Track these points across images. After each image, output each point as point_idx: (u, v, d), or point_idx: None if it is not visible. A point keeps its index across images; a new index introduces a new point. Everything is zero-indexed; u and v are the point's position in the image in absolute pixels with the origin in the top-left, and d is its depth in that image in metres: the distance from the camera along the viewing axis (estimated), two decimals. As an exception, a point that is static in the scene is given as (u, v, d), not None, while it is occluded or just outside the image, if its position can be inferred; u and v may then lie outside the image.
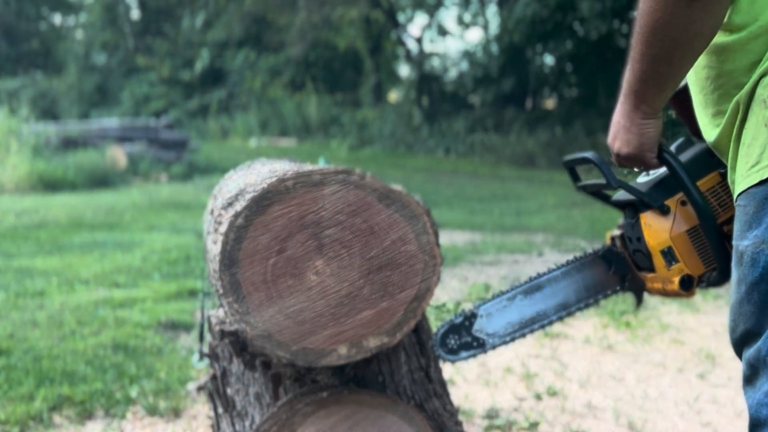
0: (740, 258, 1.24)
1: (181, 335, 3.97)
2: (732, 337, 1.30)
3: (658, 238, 1.49)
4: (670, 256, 1.49)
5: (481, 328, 1.61)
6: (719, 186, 1.49)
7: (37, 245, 6.65)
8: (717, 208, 1.48)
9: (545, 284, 1.65)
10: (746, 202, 1.24)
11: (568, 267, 1.67)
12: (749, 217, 1.23)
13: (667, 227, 1.48)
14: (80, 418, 2.91)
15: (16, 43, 30.06)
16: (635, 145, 1.40)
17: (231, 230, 1.61)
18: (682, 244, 1.48)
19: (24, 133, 12.35)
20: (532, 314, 1.64)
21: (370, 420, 1.80)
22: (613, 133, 1.43)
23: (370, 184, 1.68)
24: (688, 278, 1.50)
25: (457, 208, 9.14)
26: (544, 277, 1.66)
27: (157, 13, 28.59)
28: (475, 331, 1.61)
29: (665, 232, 1.48)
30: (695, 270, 1.50)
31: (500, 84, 18.17)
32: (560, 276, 1.66)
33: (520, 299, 1.64)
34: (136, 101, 25.90)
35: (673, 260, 1.49)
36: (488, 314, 1.61)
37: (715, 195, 1.48)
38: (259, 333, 1.63)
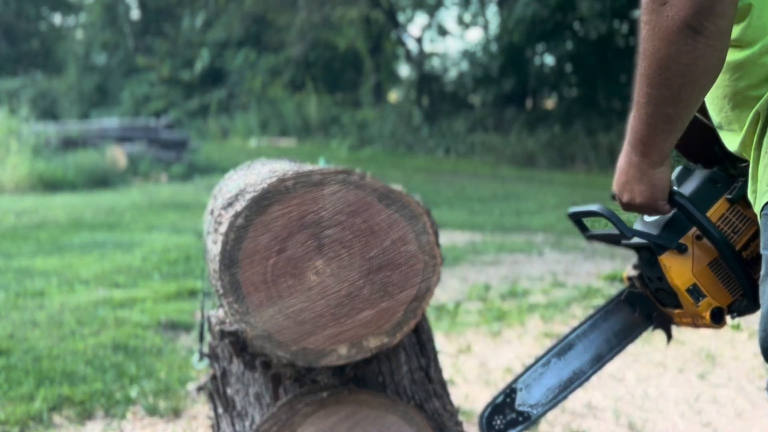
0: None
1: (181, 335, 3.97)
2: (763, 346, 1.29)
3: (681, 278, 1.48)
4: (697, 292, 1.49)
5: (523, 402, 1.62)
6: (729, 212, 1.48)
7: (37, 245, 6.65)
8: (731, 235, 1.47)
9: (575, 341, 1.67)
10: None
11: (594, 318, 1.68)
12: None
13: (689, 265, 1.48)
14: (80, 418, 2.91)
15: (16, 43, 30.05)
16: (648, 195, 1.37)
17: (231, 230, 1.60)
18: (706, 279, 1.48)
19: (24, 133, 12.34)
20: (569, 375, 1.66)
21: (370, 420, 1.80)
22: (621, 183, 1.40)
23: (370, 184, 1.68)
24: (719, 310, 1.50)
25: (457, 208, 9.14)
26: (573, 334, 1.67)
27: (157, 13, 28.57)
28: (518, 406, 1.62)
29: (688, 271, 1.48)
30: (723, 301, 1.50)
31: (500, 84, 18.16)
32: (588, 329, 1.67)
33: (555, 362, 1.65)
34: (136, 101, 25.89)
35: (700, 296, 1.49)
36: (527, 386, 1.63)
37: (727, 222, 1.48)
38: (259, 333, 1.62)
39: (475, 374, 3.35)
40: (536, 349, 3.67)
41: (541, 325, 4.05)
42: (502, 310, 4.33)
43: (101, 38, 28.45)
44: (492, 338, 3.86)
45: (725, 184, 1.49)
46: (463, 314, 4.31)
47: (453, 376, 3.27)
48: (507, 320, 4.14)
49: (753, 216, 1.43)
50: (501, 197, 10.17)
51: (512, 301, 4.59)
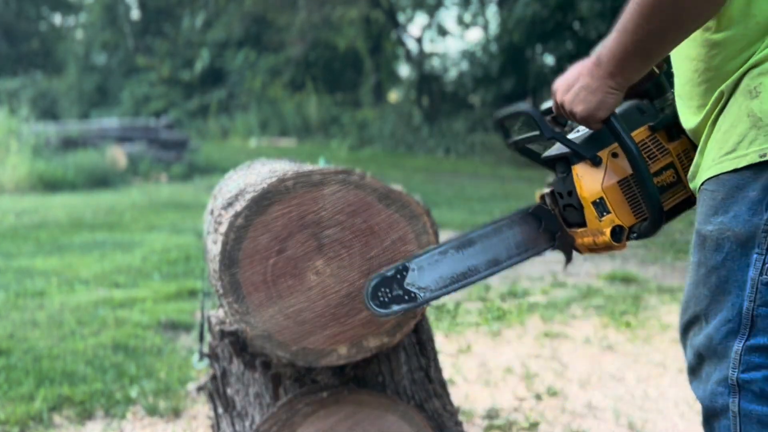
0: (702, 242, 1.27)
1: (181, 335, 3.97)
2: (681, 319, 1.33)
3: (590, 189, 1.51)
4: (602, 206, 1.51)
5: (413, 282, 1.60)
6: (649, 139, 1.53)
7: (37, 245, 6.65)
8: (648, 161, 1.51)
9: (477, 240, 1.66)
10: (715, 187, 1.26)
11: (500, 224, 1.68)
12: (717, 203, 1.25)
13: (599, 179, 1.50)
14: (80, 418, 2.91)
15: (16, 43, 30.06)
16: (593, 108, 1.40)
17: (231, 230, 1.61)
18: (613, 195, 1.50)
19: (24, 133, 12.35)
20: (463, 269, 1.64)
21: (370, 420, 1.80)
22: (573, 87, 1.42)
23: (370, 184, 1.68)
24: (620, 229, 1.51)
25: (457, 208, 9.14)
26: (476, 233, 1.67)
27: (157, 13, 28.58)
28: (406, 285, 1.60)
29: (597, 184, 1.50)
30: (626, 220, 1.52)
31: (500, 84, 18.16)
32: (491, 232, 1.67)
33: (452, 254, 1.64)
34: (136, 101, 25.89)
35: (605, 211, 1.51)
36: (420, 268, 1.61)
37: (645, 148, 1.52)
38: (259, 333, 1.62)
39: (475, 374, 3.35)
40: (536, 348, 3.67)
41: (541, 325, 4.05)
42: (502, 310, 4.33)
43: (101, 38, 28.46)
44: (492, 338, 3.86)
45: (651, 115, 1.54)
46: (463, 314, 4.31)
47: (453, 376, 3.27)
48: (507, 320, 4.14)
49: (672, 148, 1.50)
50: (501, 197, 10.17)
51: (512, 301, 4.59)
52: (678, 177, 1.53)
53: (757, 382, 1.21)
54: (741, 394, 1.23)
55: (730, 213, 1.22)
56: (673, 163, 1.52)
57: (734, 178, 1.22)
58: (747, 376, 1.22)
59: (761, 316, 1.21)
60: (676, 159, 1.53)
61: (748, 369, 1.22)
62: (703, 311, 1.27)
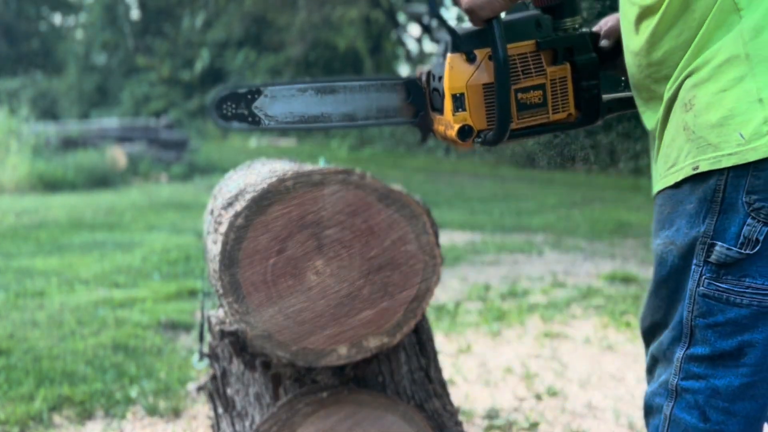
0: (654, 255, 1.30)
1: (181, 335, 3.97)
2: (642, 326, 1.35)
3: (455, 82, 1.50)
4: (460, 102, 1.51)
5: (262, 107, 1.58)
6: (531, 55, 1.52)
7: (37, 245, 6.65)
8: (520, 74, 1.51)
9: (340, 90, 1.63)
10: (662, 201, 1.28)
11: (368, 83, 1.66)
12: (663, 217, 1.27)
13: (467, 75, 1.50)
14: (80, 418, 2.91)
15: (16, 43, 30.06)
16: (477, 5, 1.42)
17: (231, 230, 1.61)
18: (474, 95, 1.50)
19: (24, 133, 12.34)
20: (316, 113, 1.62)
21: (370, 420, 1.80)
22: None
23: (370, 184, 1.68)
24: (468, 129, 1.51)
25: (457, 208, 9.13)
26: (341, 83, 1.64)
27: (157, 13, 28.58)
28: (254, 108, 1.59)
29: (463, 79, 1.50)
30: (477, 124, 1.51)
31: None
32: (358, 89, 1.65)
33: (311, 95, 1.62)
34: (136, 101, 25.88)
35: (461, 107, 1.51)
36: (273, 96, 1.59)
37: (523, 61, 1.51)
38: (259, 333, 1.63)
39: (475, 374, 3.35)
40: (536, 348, 3.67)
41: (541, 325, 4.05)
42: (502, 310, 4.33)
43: (101, 38, 28.45)
44: (492, 338, 3.86)
45: (545, 32, 1.53)
46: (463, 314, 4.31)
47: (453, 376, 3.27)
48: (507, 320, 4.14)
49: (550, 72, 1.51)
50: (501, 197, 10.17)
51: (512, 301, 4.59)
52: (544, 100, 1.52)
53: (694, 392, 1.24)
54: (677, 400, 1.26)
55: (674, 227, 1.24)
56: (544, 85, 1.52)
57: (677, 193, 1.24)
58: (685, 384, 1.25)
59: (699, 326, 1.23)
60: (549, 83, 1.52)
61: (687, 377, 1.25)
62: (662, 320, 1.30)
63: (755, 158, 1.14)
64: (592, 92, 1.56)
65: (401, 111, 1.67)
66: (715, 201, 1.19)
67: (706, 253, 1.20)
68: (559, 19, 1.55)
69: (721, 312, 1.21)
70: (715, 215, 1.19)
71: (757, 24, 1.17)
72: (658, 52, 1.27)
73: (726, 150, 1.16)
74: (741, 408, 1.23)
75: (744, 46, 1.17)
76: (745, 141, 1.15)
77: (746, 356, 1.21)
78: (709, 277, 1.21)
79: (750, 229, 1.17)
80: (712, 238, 1.20)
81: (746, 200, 1.17)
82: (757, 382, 1.22)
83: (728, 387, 1.22)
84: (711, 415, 1.23)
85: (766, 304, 1.19)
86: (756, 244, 1.17)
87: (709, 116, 1.19)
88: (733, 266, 1.19)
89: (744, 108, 1.15)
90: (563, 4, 1.55)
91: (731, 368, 1.21)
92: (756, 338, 1.20)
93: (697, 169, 1.19)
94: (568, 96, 1.55)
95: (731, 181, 1.17)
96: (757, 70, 1.16)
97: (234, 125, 1.58)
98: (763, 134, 1.14)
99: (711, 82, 1.19)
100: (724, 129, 1.17)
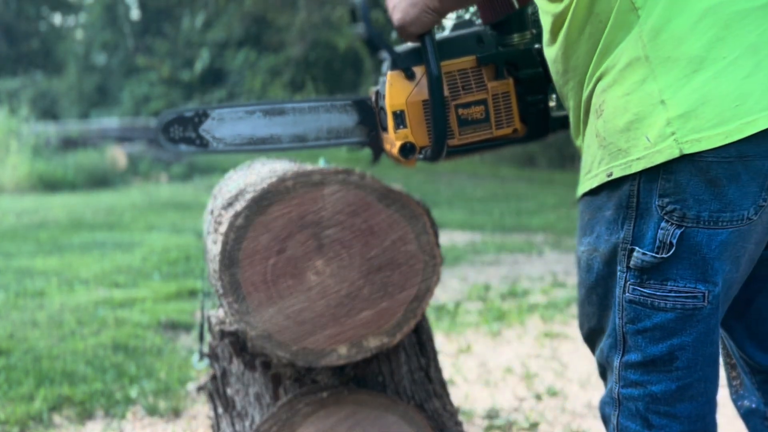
0: (578, 262, 1.30)
1: (181, 335, 3.97)
2: (581, 333, 1.35)
3: (395, 99, 1.50)
4: (401, 119, 1.51)
5: (209, 130, 1.58)
6: (471, 70, 1.51)
7: (37, 245, 6.65)
8: (460, 89, 1.50)
9: (289, 111, 1.63)
10: (583, 208, 1.28)
11: (317, 104, 1.65)
12: (584, 224, 1.27)
13: (407, 91, 1.49)
14: (80, 418, 2.91)
15: (16, 43, 30.06)
16: (407, 22, 1.42)
17: (231, 230, 1.61)
18: (414, 112, 1.50)
19: (24, 133, 12.36)
20: (265, 134, 1.62)
21: (370, 420, 1.80)
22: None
23: (370, 184, 1.68)
24: (410, 146, 1.52)
25: (457, 208, 9.14)
26: (290, 104, 1.64)
27: (157, 13, 28.58)
28: (202, 130, 1.58)
29: (403, 96, 1.49)
30: (419, 140, 1.52)
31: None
32: (307, 109, 1.64)
33: (259, 117, 1.61)
34: (136, 101, 25.88)
35: (402, 124, 1.51)
36: (221, 119, 1.59)
37: (464, 76, 1.51)
38: (259, 333, 1.63)
39: (475, 374, 3.35)
40: (536, 348, 3.67)
41: (541, 325, 4.05)
42: (502, 310, 4.33)
43: (101, 38, 28.45)
44: (492, 338, 3.86)
45: (487, 47, 1.53)
46: (463, 314, 4.31)
47: (453, 376, 3.27)
48: (507, 320, 4.14)
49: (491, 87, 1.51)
50: (501, 197, 10.17)
51: (512, 301, 4.59)
52: (487, 115, 1.51)
53: (635, 400, 1.24)
54: (620, 409, 1.26)
55: (594, 233, 1.24)
56: (486, 101, 1.51)
57: (595, 199, 1.24)
58: (625, 392, 1.25)
59: (629, 333, 1.23)
60: (491, 98, 1.52)
61: (626, 385, 1.25)
62: (598, 326, 1.29)
63: (662, 160, 1.13)
64: (539, 107, 1.55)
65: (353, 131, 1.67)
66: (630, 207, 1.18)
67: (628, 259, 1.20)
68: (507, 34, 1.54)
69: (648, 317, 1.20)
70: (632, 221, 1.19)
71: (654, 25, 1.16)
72: (572, 58, 1.27)
73: (635, 154, 1.16)
74: (682, 409, 1.23)
75: (643, 48, 1.16)
76: (651, 144, 1.14)
77: (678, 360, 1.21)
78: (633, 283, 1.20)
79: (664, 232, 1.16)
80: (631, 243, 1.19)
81: (659, 204, 1.16)
82: (692, 383, 1.22)
83: (665, 392, 1.22)
84: (653, 420, 1.23)
85: (690, 307, 1.18)
86: (671, 248, 1.16)
87: (616, 121, 1.18)
88: (654, 271, 1.18)
89: (648, 111, 1.15)
90: (510, 20, 1.53)
91: (665, 373, 1.21)
92: (685, 341, 1.20)
93: (611, 176, 1.19)
94: (512, 111, 1.54)
95: (644, 185, 1.17)
96: (657, 72, 1.15)
97: (182, 148, 1.58)
98: (667, 136, 1.13)
99: (616, 86, 1.19)
100: (631, 133, 1.16)
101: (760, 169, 1.13)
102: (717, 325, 1.22)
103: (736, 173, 1.13)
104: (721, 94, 1.12)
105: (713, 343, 1.22)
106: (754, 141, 1.11)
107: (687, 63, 1.13)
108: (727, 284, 1.20)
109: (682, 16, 1.15)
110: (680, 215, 1.15)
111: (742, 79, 1.12)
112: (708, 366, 1.23)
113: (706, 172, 1.13)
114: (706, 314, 1.19)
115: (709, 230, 1.15)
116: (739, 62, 1.12)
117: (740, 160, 1.12)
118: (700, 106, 1.12)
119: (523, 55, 1.53)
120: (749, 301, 1.34)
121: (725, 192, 1.13)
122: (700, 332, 1.20)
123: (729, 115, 1.11)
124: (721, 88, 1.12)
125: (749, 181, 1.13)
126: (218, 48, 25.41)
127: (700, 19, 1.14)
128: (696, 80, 1.13)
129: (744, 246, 1.18)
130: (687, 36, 1.14)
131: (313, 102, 1.65)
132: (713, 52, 1.13)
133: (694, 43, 1.14)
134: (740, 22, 1.13)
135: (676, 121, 1.13)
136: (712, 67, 1.13)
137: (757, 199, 1.14)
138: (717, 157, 1.12)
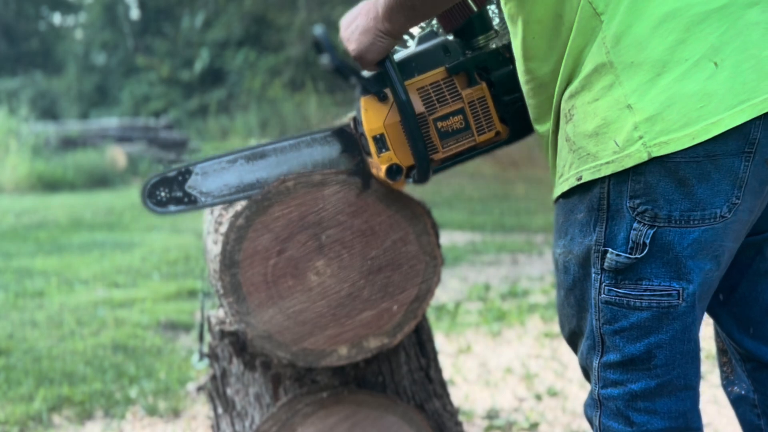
0: (555, 265, 1.31)
1: (181, 335, 3.97)
2: (563, 335, 1.36)
3: (372, 123, 1.49)
4: (382, 143, 1.49)
5: (195, 186, 1.57)
6: (444, 81, 1.50)
7: (36, 245, 6.65)
8: (435, 103, 1.49)
9: (270, 153, 1.62)
10: (558, 211, 1.29)
11: (297, 140, 1.64)
12: (559, 226, 1.29)
13: (383, 115, 1.48)
14: (80, 419, 2.91)
15: (16, 43, 30.06)
16: (363, 50, 1.41)
17: (231, 230, 1.61)
18: (394, 133, 1.49)
19: (24, 133, 12.35)
20: (251, 180, 1.61)
21: (370, 420, 1.80)
22: (350, 26, 1.44)
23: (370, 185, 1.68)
24: (396, 167, 1.50)
25: (457, 208, 9.13)
26: (270, 146, 1.63)
27: (156, 13, 28.58)
28: (188, 188, 1.57)
29: (380, 119, 1.48)
30: (404, 161, 1.50)
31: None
32: (288, 148, 1.63)
33: (241, 163, 1.60)
34: (135, 101, 25.87)
35: (384, 147, 1.49)
36: (204, 173, 1.58)
37: (437, 89, 1.50)
38: (259, 333, 1.62)
39: (475, 374, 3.35)
40: (536, 349, 3.67)
41: (541, 325, 4.05)
42: (502, 310, 4.33)
43: (101, 38, 28.45)
44: (492, 338, 3.86)
45: (454, 56, 1.51)
46: (463, 314, 4.31)
47: (453, 376, 3.27)
48: (507, 320, 4.14)
49: (466, 95, 1.49)
50: (501, 197, 10.17)
51: (512, 301, 4.59)
52: (467, 124, 1.50)
53: (615, 399, 1.25)
54: (602, 409, 1.27)
55: (569, 236, 1.26)
56: (463, 110, 1.50)
57: (568, 202, 1.26)
58: (605, 393, 1.26)
59: (607, 334, 1.24)
60: (467, 106, 1.50)
61: (606, 385, 1.26)
62: (577, 328, 1.31)
63: (631, 164, 1.15)
64: (517, 105, 1.52)
65: (338, 161, 1.66)
66: (601, 209, 1.20)
67: (602, 261, 1.21)
68: (472, 38, 1.53)
69: (624, 317, 1.22)
70: (604, 223, 1.20)
71: (616, 31, 1.17)
72: (541, 65, 1.28)
73: (604, 159, 1.17)
74: (662, 405, 1.24)
75: (607, 54, 1.17)
76: (619, 148, 1.16)
77: (656, 358, 1.22)
78: (608, 284, 1.22)
79: (637, 233, 1.18)
80: (604, 245, 1.20)
81: (630, 205, 1.17)
82: (671, 380, 1.23)
83: (645, 389, 1.23)
84: (634, 417, 1.24)
85: (665, 305, 1.19)
86: (644, 248, 1.18)
87: (585, 126, 1.20)
88: (628, 271, 1.20)
89: (615, 116, 1.16)
90: (472, 23, 1.52)
91: (644, 371, 1.23)
92: (662, 339, 1.21)
93: (580, 180, 1.21)
94: (491, 115, 1.53)
95: (613, 188, 1.18)
96: (622, 77, 1.16)
97: (171, 209, 1.57)
98: (635, 140, 1.14)
99: (584, 92, 1.20)
100: (600, 138, 1.18)
101: (730, 168, 1.14)
102: (694, 322, 1.23)
103: (706, 172, 1.14)
104: (686, 95, 1.13)
105: (691, 340, 1.23)
106: (721, 140, 1.13)
107: (650, 67, 1.15)
108: (708, 283, 1.21)
109: (643, 21, 1.16)
110: (652, 215, 1.17)
111: (706, 80, 1.13)
112: (687, 363, 1.24)
113: (675, 172, 1.14)
114: (682, 312, 1.20)
115: (681, 229, 1.16)
116: (702, 64, 1.13)
117: (709, 160, 1.13)
118: (666, 109, 1.13)
119: (491, 57, 1.52)
120: (732, 288, 1.35)
121: (695, 191, 1.15)
122: (676, 330, 1.21)
123: (695, 116, 1.12)
124: (685, 90, 1.13)
125: (720, 180, 1.14)
126: (218, 48, 25.40)
127: (661, 24, 1.15)
128: (660, 84, 1.14)
129: (722, 244, 1.19)
130: (648, 40, 1.15)
131: (292, 139, 1.64)
132: (675, 55, 1.14)
133: (656, 47, 1.15)
134: (700, 24, 1.14)
135: (643, 125, 1.14)
136: (675, 69, 1.14)
137: (729, 197, 1.15)
138: (685, 158, 1.13)
